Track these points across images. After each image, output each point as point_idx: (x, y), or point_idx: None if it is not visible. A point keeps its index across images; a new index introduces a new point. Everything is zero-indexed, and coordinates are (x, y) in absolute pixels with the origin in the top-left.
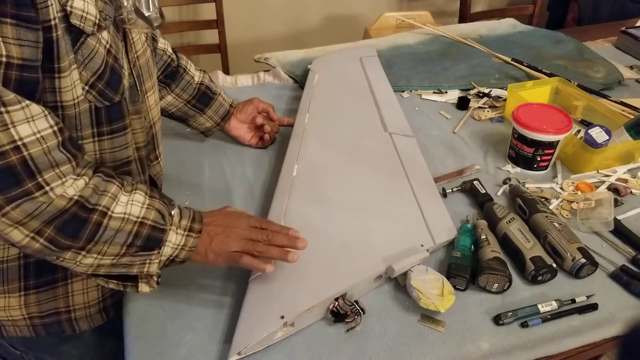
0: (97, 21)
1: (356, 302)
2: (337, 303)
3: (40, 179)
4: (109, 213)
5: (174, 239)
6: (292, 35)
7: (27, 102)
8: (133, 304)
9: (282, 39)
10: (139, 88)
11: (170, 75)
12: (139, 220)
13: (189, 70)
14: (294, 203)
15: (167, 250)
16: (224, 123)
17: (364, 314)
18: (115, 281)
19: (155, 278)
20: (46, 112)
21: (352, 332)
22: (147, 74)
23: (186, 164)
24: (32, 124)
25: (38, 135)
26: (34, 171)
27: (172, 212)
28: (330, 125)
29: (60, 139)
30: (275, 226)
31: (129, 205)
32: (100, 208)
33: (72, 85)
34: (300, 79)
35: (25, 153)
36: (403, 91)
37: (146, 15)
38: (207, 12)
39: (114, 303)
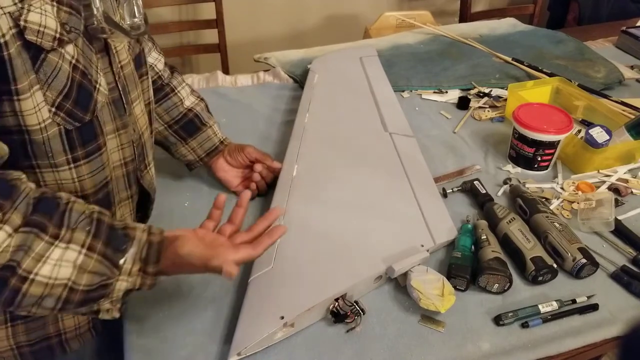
0: (57, 35)
1: (356, 302)
2: (337, 303)
3: None
4: (30, 277)
5: (123, 287)
6: (292, 35)
7: None
8: (133, 307)
9: (282, 39)
10: (124, 100)
11: (153, 92)
12: (69, 284)
13: (178, 91)
14: (294, 203)
15: (118, 295)
16: (209, 160)
17: (364, 314)
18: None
19: (117, 306)
20: None
21: (352, 333)
22: (132, 84)
23: None
24: None
25: None
26: None
27: (121, 262)
28: (330, 125)
29: None
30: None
31: (57, 266)
32: (20, 272)
33: (36, 107)
34: (300, 79)
35: None
36: (403, 91)
37: (126, 24)
38: (207, 11)
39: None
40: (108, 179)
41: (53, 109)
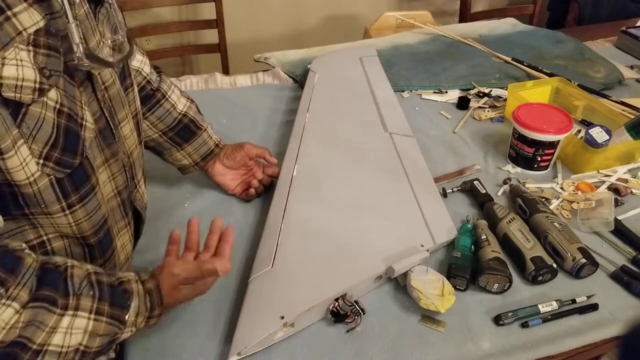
0: (36, 86)
1: (356, 302)
2: (337, 303)
3: None
4: (44, 349)
5: (127, 336)
6: (292, 35)
7: None
8: None
9: (282, 39)
10: (112, 126)
11: (143, 100)
12: (81, 349)
13: (169, 96)
14: (294, 203)
15: (125, 336)
16: (205, 164)
17: (364, 314)
18: None
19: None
20: None
21: (352, 333)
22: (119, 105)
23: None
24: None
25: None
26: None
27: (126, 317)
28: (330, 125)
29: None
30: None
31: (67, 335)
32: (34, 347)
33: (23, 163)
34: (300, 79)
35: None
36: (403, 91)
37: (108, 42)
38: (207, 11)
39: None
40: (106, 216)
41: (41, 161)
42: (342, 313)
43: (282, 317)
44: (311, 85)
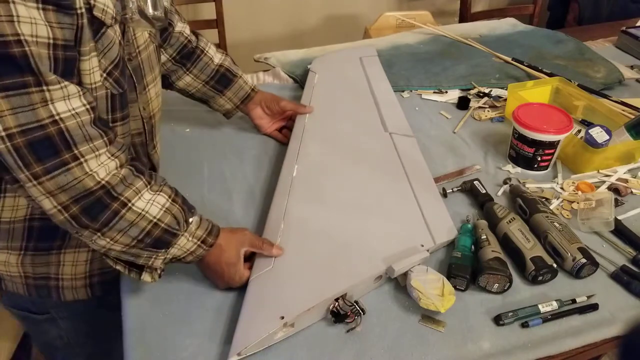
0: (114, 15)
1: (356, 302)
2: (337, 303)
3: (76, 151)
4: (129, 205)
5: (183, 244)
6: (292, 35)
7: (66, 82)
8: (132, 310)
9: (282, 39)
10: (135, 80)
11: (186, 56)
12: (154, 220)
13: (207, 52)
14: (294, 203)
15: (174, 251)
16: (244, 106)
17: (364, 314)
18: (122, 264)
19: (158, 271)
20: (81, 93)
21: (352, 333)
22: (148, 67)
23: (186, 165)
24: (67, 102)
25: (73, 112)
26: (70, 143)
27: (190, 220)
28: (330, 125)
29: (92, 116)
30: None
31: (149, 204)
32: (122, 198)
33: (91, 70)
34: (300, 79)
35: (62, 125)
36: (403, 91)
37: (150, 15)
38: (207, 11)
39: (101, 282)
40: (132, 149)
41: (104, 74)
42: (342, 313)
43: (282, 317)
44: (311, 85)
